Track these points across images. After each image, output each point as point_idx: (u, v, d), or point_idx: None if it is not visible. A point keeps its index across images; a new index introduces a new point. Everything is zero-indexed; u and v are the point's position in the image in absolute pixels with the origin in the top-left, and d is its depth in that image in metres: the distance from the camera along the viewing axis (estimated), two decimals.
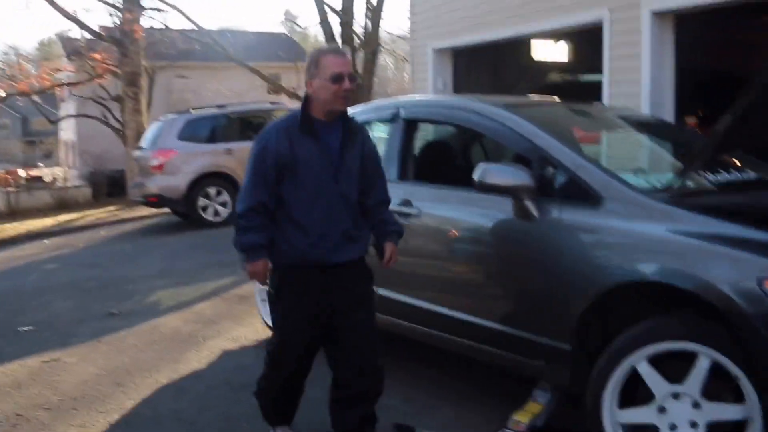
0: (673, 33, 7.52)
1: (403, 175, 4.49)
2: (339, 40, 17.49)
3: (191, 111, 13.52)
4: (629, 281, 3.15)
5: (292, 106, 13.08)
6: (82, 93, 24.38)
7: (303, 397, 3.67)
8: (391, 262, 3.46)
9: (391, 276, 4.05)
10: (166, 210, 13.60)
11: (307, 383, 3.64)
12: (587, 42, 8.88)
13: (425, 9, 11.00)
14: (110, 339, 5.91)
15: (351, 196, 3.35)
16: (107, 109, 23.23)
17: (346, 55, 3.36)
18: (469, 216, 4.02)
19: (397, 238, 3.50)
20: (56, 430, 4.14)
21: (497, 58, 11.39)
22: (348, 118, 3.38)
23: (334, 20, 17.57)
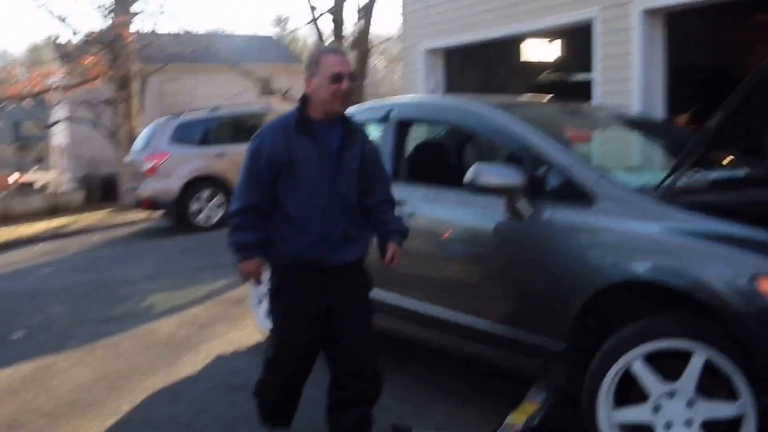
0: (663, 31, 7.55)
1: (396, 176, 4.49)
2: (330, 41, 17.49)
3: (183, 114, 13.50)
4: (623, 280, 3.16)
5: (283, 108, 13.06)
6: (73, 97, 24.30)
7: (302, 397, 3.65)
8: (393, 263, 3.39)
9: (386, 277, 4.05)
10: (159, 213, 13.57)
11: (305, 384, 3.62)
12: (579, 41, 8.90)
13: (416, 9, 11.00)
14: (105, 343, 5.89)
15: (350, 196, 3.31)
16: (99, 113, 23.15)
17: (347, 55, 3.34)
18: (462, 216, 4.03)
19: (400, 238, 3.42)
20: None
21: (489, 58, 11.40)
22: (348, 117, 3.35)
23: (325, 21, 17.58)
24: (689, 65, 8.46)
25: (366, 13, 17.25)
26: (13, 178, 31.01)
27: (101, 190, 23.86)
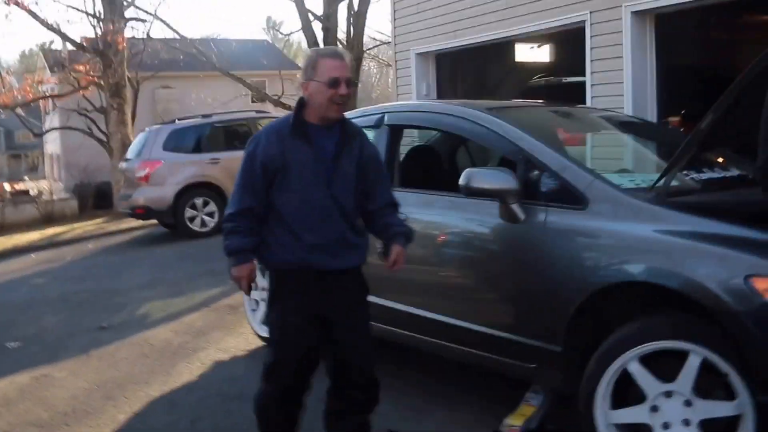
0: (654, 33, 7.57)
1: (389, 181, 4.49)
2: (322, 46, 17.46)
3: (176, 121, 13.48)
4: (617, 282, 3.17)
5: (277, 114, 13.06)
6: (66, 105, 24.26)
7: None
8: (397, 265, 3.31)
9: (381, 283, 4.05)
10: (154, 221, 13.54)
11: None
12: (570, 44, 8.93)
13: (407, 13, 11.01)
14: (100, 352, 5.88)
15: (347, 201, 3.25)
16: (92, 120, 23.12)
17: (345, 59, 3.24)
18: (456, 221, 4.04)
19: (405, 241, 3.34)
20: None
21: (481, 62, 11.43)
22: (346, 120, 3.30)
23: (318, 26, 17.55)
24: (680, 66, 8.49)
25: (358, 19, 17.25)
26: (8, 186, 30.89)
27: (95, 198, 23.79)
